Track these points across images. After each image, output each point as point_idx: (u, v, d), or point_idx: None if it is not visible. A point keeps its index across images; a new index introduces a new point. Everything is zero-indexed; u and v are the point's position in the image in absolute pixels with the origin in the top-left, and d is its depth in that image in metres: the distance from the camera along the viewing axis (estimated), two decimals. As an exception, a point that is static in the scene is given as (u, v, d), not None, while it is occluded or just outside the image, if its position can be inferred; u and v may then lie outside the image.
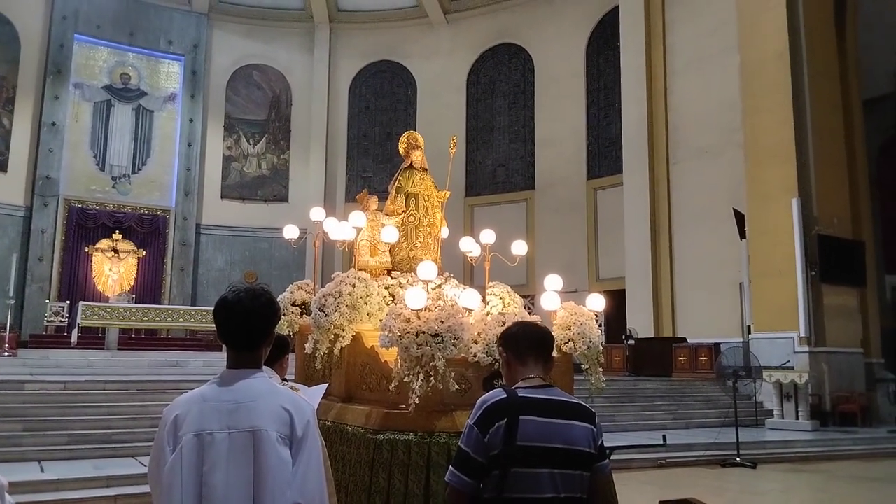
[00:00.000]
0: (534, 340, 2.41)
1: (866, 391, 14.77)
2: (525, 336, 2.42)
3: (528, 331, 2.45)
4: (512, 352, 2.40)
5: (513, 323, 2.57)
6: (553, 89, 23.29)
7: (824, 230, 14.75)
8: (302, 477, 1.90)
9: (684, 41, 19.14)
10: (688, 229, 18.45)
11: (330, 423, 4.94)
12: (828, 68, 15.84)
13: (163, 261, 22.68)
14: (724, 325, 16.76)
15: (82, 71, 22.49)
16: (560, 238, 21.61)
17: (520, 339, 2.41)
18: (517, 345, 2.40)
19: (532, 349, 2.38)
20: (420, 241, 6.16)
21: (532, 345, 2.39)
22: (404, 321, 4.45)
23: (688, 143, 18.74)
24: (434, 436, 4.38)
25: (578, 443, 2.21)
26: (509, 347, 2.42)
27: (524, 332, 2.43)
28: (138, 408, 9.63)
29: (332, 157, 25.08)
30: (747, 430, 12.05)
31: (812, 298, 14.51)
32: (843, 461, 11.10)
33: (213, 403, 1.94)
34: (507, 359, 2.43)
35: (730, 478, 9.53)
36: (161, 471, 1.92)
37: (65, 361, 13.83)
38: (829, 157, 15.33)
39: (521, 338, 2.41)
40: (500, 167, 24.23)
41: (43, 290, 20.66)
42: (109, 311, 17.39)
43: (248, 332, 2.03)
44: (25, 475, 7.04)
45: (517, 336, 2.42)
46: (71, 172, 21.76)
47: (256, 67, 25.11)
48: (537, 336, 2.43)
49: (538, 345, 2.41)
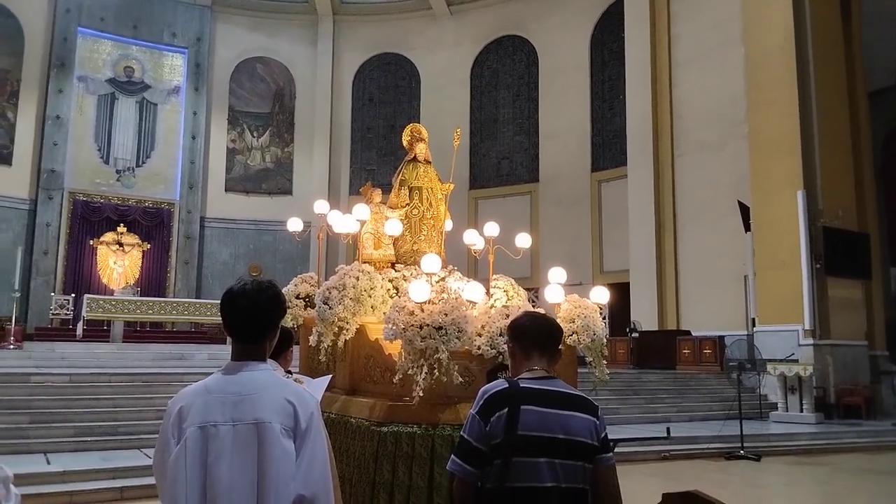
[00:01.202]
0: (541, 334, 2.40)
1: (871, 384, 14.74)
2: (532, 329, 2.40)
3: (537, 324, 2.43)
4: (517, 343, 2.40)
5: (523, 313, 2.56)
6: (557, 81, 23.23)
7: (829, 222, 14.70)
8: (306, 469, 1.91)
9: (689, 33, 19.05)
10: (692, 222, 18.40)
11: (334, 415, 4.95)
12: (833, 60, 15.76)
13: (167, 254, 22.71)
14: (729, 318, 16.73)
15: (86, 64, 22.49)
16: (564, 231, 21.59)
17: (526, 333, 2.40)
18: (523, 338, 2.40)
19: (538, 344, 2.38)
20: (424, 233, 6.16)
21: (538, 339, 2.39)
22: (408, 314, 4.45)
23: (692, 136, 18.67)
24: (438, 428, 4.39)
25: (579, 434, 2.21)
26: (515, 339, 2.42)
27: (532, 325, 2.42)
28: (144, 400, 9.67)
29: (335, 150, 25.08)
30: (751, 423, 12.07)
31: (817, 291, 14.48)
32: (847, 454, 11.10)
33: (218, 395, 1.95)
34: (512, 350, 2.44)
35: (734, 470, 9.55)
36: (166, 462, 1.93)
37: (70, 354, 13.91)
38: (834, 149, 15.27)
39: (529, 331, 2.40)
40: (503, 160, 24.19)
41: (48, 283, 20.72)
42: (114, 304, 17.47)
43: (254, 324, 2.04)
44: (32, 467, 7.09)
45: (525, 329, 2.41)
46: (75, 166, 21.80)
47: (260, 60, 25.09)
48: (545, 330, 2.42)
49: (545, 339, 2.40)
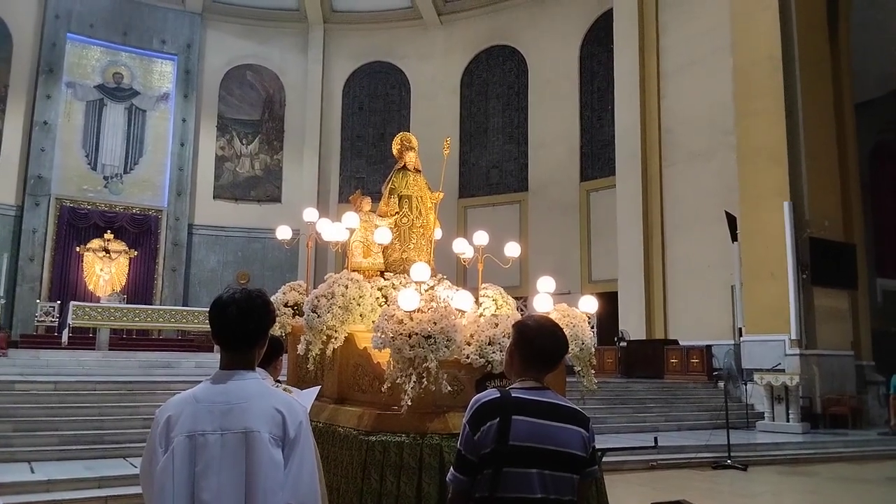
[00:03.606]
0: (547, 353, 2.29)
1: (857, 394, 14.84)
2: (540, 347, 2.29)
3: (546, 342, 2.29)
4: (521, 352, 2.31)
5: (538, 318, 2.43)
6: (547, 91, 23.33)
7: (816, 233, 14.81)
8: (294, 478, 1.90)
9: (678, 44, 19.19)
10: (680, 232, 18.48)
11: (322, 424, 4.93)
12: (820, 71, 15.92)
13: (154, 261, 22.58)
14: (716, 328, 16.79)
15: (75, 70, 22.40)
16: (553, 240, 21.63)
17: (534, 348, 2.28)
18: (529, 352, 2.29)
19: (542, 361, 2.29)
20: (413, 242, 6.16)
21: (543, 357, 2.29)
22: (397, 322, 4.45)
23: (681, 146, 18.78)
24: (426, 437, 4.38)
25: (570, 445, 2.20)
26: (520, 347, 2.31)
27: (542, 343, 2.29)
28: (130, 408, 9.60)
29: (325, 158, 25.05)
30: (738, 433, 12.10)
31: (803, 301, 14.56)
32: (833, 463, 11.15)
33: (206, 404, 1.94)
34: (511, 353, 2.34)
35: (721, 480, 9.56)
36: (153, 472, 1.91)
37: (55, 362, 13.77)
38: (820, 160, 15.40)
39: (537, 348, 2.28)
40: (493, 169, 24.25)
41: (34, 289, 20.55)
42: (101, 312, 17.32)
43: (243, 333, 2.03)
44: (16, 476, 7.01)
45: (533, 343, 2.29)
46: (63, 172, 21.66)
47: (250, 67, 25.06)
48: (553, 350, 2.30)
49: (550, 358, 2.29)
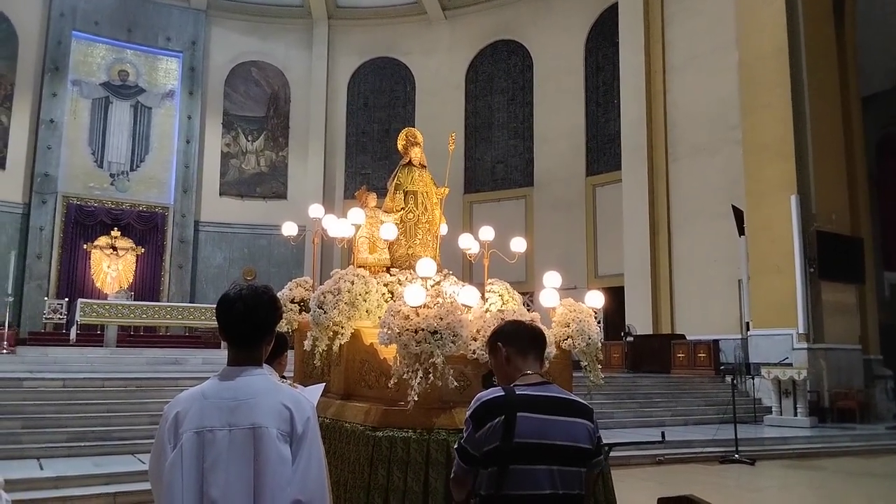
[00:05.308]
0: (532, 336, 2.44)
1: (864, 388, 14.79)
2: (525, 331, 2.44)
3: (526, 327, 2.48)
4: (514, 346, 2.39)
5: (505, 322, 2.57)
6: (552, 86, 23.26)
7: (823, 227, 14.76)
8: (302, 474, 1.90)
9: (683, 37, 19.12)
10: (686, 226, 18.44)
11: (329, 420, 4.94)
12: (826, 65, 15.84)
13: (161, 258, 22.63)
14: (723, 322, 16.75)
15: (80, 68, 22.43)
16: (559, 235, 21.59)
17: (520, 335, 2.42)
18: (519, 339, 2.40)
19: (533, 344, 2.41)
20: (419, 237, 6.16)
21: (533, 339, 2.43)
22: (403, 318, 4.45)
23: (687, 140, 18.72)
24: (433, 433, 4.38)
25: (576, 439, 2.21)
26: (511, 343, 2.40)
27: (523, 328, 2.46)
28: (137, 405, 9.63)
29: (330, 154, 25.05)
30: (746, 427, 12.07)
31: (811, 295, 14.51)
32: (841, 458, 11.13)
33: (214, 401, 1.94)
34: (507, 354, 2.39)
35: (728, 474, 9.56)
36: (162, 468, 1.92)
37: (63, 359, 13.84)
38: (827, 154, 15.33)
39: (522, 333, 2.43)
40: (498, 164, 24.20)
41: (41, 287, 20.63)
42: (108, 309, 17.36)
43: (250, 329, 2.03)
44: (24, 473, 7.05)
45: (518, 331, 2.44)
46: (69, 170, 21.72)
47: (255, 64, 25.06)
48: (535, 332, 2.48)
49: (537, 338, 2.45)
